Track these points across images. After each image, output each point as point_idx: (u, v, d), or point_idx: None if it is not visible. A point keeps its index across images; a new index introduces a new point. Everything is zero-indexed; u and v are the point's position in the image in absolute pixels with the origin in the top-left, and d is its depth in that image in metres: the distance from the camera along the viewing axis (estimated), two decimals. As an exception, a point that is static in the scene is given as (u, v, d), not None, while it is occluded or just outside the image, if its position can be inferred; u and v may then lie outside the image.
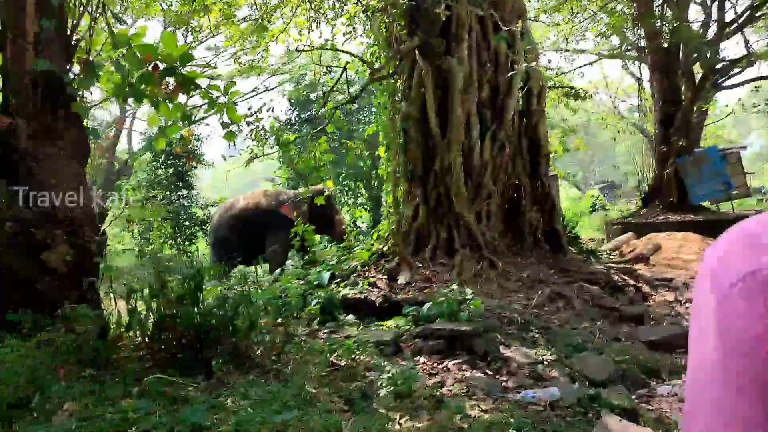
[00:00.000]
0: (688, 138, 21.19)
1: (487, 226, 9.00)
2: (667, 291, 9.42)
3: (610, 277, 8.88)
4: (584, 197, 35.97)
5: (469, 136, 8.94)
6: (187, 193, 19.99)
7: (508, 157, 9.34)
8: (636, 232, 18.00)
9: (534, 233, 9.52)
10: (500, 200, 9.35)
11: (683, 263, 12.77)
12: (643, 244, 13.91)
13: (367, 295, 7.74)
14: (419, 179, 9.24)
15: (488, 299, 7.66)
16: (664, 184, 21.48)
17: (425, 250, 8.96)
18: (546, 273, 8.76)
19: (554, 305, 7.72)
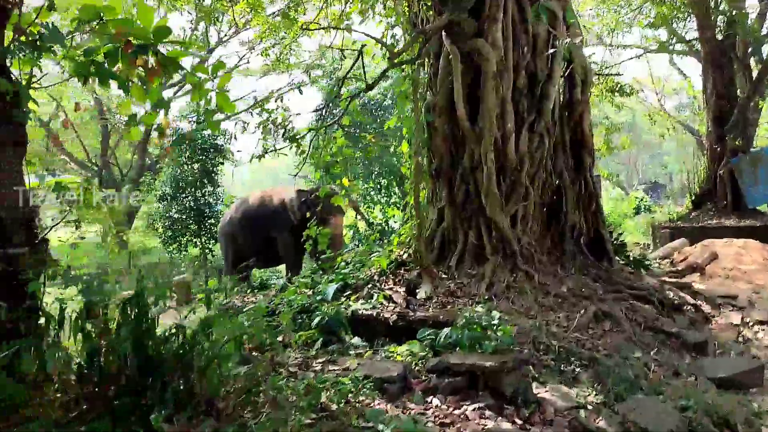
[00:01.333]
0: (744, 135, 19.49)
1: (522, 230, 7.78)
2: (732, 310, 8.05)
3: (665, 294, 7.57)
4: (628, 198, 34.18)
5: (503, 127, 7.72)
6: (213, 190, 19.14)
7: (548, 153, 8.09)
8: (686, 237, 16.46)
9: (576, 240, 8.25)
10: (538, 201, 8.10)
11: (744, 275, 11.29)
12: (697, 252, 12.45)
13: (381, 311, 6.61)
14: (445, 177, 8.07)
15: (521, 319, 6.46)
16: (718, 186, 19.81)
17: (451, 258, 7.80)
18: (590, 287, 7.50)
19: (600, 327, 6.47)
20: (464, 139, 7.90)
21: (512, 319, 6.39)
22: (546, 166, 8.13)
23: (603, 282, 7.71)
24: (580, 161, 8.38)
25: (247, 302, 7.45)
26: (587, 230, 8.38)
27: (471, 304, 6.90)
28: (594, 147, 8.61)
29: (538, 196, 8.06)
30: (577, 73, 8.22)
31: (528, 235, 7.81)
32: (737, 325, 7.45)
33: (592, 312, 6.61)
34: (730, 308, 8.16)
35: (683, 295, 7.76)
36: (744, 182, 18.84)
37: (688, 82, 32.14)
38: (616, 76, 21.02)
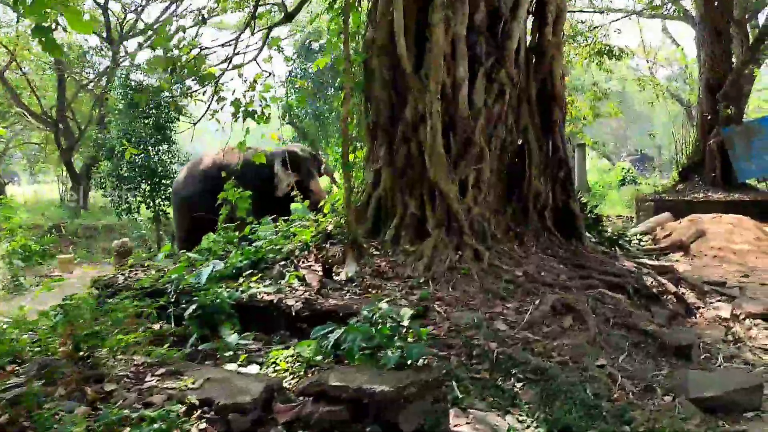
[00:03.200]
0: (737, 105, 18.03)
1: (474, 200, 6.34)
2: (720, 300, 6.69)
3: (643, 280, 6.19)
4: (614, 169, 32.82)
5: (454, 74, 6.24)
6: (168, 148, 17.53)
7: (509, 106, 6.62)
8: (671, 211, 15.07)
9: (541, 213, 6.84)
10: (496, 165, 6.66)
11: (734, 255, 9.93)
12: (682, 229, 11.09)
13: (285, 297, 5.19)
14: (384, 133, 6.59)
15: (457, 311, 5.06)
16: (707, 158, 18.40)
17: (386, 232, 6.37)
18: (553, 271, 6.11)
19: (558, 324, 5.08)
20: (407, 86, 6.39)
21: (446, 311, 5.00)
22: (506, 122, 6.66)
23: (570, 265, 6.32)
24: (548, 118, 6.91)
25: (133, 279, 5.99)
26: (554, 202, 6.95)
27: (401, 288, 5.50)
28: (566, 101, 7.13)
29: (495, 158, 6.61)
30: (549, 9, 6.70)
31: (481, 206, 6.37)
32: (726, 319, 6.09)
33: (550, 303, 5.21)
34: (719, 297, 6.80)
35: (664, 281, 6.38)
36: (735, 154, 17.42)
37: (681, 50, 30.56)
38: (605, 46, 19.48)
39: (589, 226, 7.91)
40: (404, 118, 6.39)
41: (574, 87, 25.89)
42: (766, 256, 9.70)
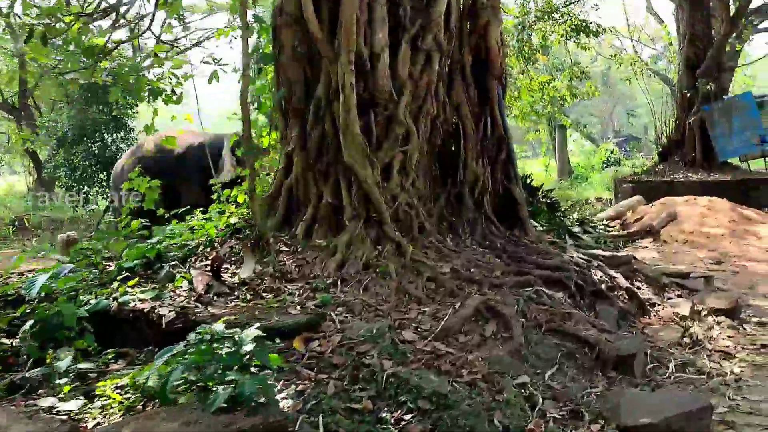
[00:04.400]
0: (718, 81, 17.16)
1: (400, 187, 5.50)
2: (681, 294, 5.89)
3: (590, 275, 5.37)
4: (598, 151, 31.98)
5: (371, 41, 5.37)
6: (125, 136, 16.61)
7: (440, 79, 5.76)
8: (650, 193, 14.21)
9: (479, 199, 6.01)
10: (427, 146, 5.82)
11: (706, 240, 9.13)
12: (654, 212, 10.29)
13: (161, 304, 4.36)
14: (296, 112, 5.72)
15: (362, 318, 4.25)
16: (687, 137, 17.57)
17: (298, 224, 5.53)
18: (486, 266, 5.28)
19: (479, 330, 4.27)
20: (319, 57, 5.53)
21: (344, 320, 4.18)
22: (437, 97, 5.80)
23: (508, 258, 5.50)
24: (485, 92, 6.06)
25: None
26: (494, 187, 6.12)
27: (302, 292, 4.67)
28: (506, 73, 6.27)
29: (425, 139, 5.76)
30: (482, -33, 5.83)
31: (408, 194, 5.53)
32: (685, 317, 5.29)
33: (473, 306, 4.39)
34: (679, 291, 6.00)
35: (615, 275, 5.57)
36: (715, 133, 16.59)
37: (665, 28, 29.62)
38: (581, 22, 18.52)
39: (543, 212, 7.09)
40: (317, 96, 5.52)
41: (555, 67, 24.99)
42: (740, 241, 8.92)
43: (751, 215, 9.89)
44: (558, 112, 21.87)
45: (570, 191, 21.34)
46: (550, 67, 23.90)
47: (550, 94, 20.26)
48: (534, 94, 20.51)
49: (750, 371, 4.45)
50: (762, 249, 8.59)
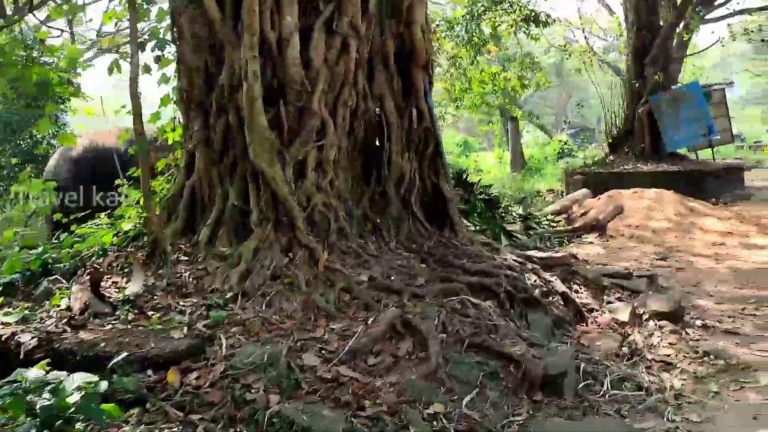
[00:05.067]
0: (666, 71, 17.02)
1: (316, 186, 4.94)
2: (621, 298, 5.48)
3: (522, 279, 4.91)
4: (552, 142, 31.91)
5: (279, 24, 4.79)
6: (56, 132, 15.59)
7: (360, 67, 5.21)
8: (600, 184, 13.94)
9: (405, 197, 5.49)
10: (348, 141, 5.27)
11: (652, 234, 8.81)
12: (600, 206, 9.95)
13: (25, 330, 3.73)
14: (198, 104, 5.11)
15: (261, 339, 3.69)
16: (636, 127, 17.40)
17: (200, 230, 4.92)
18: (409, 272, 4.77)
19: (393, 350, 3.75)
20: (222, 43, 4.92)
21: (234, 344, 3.61)
22: (357, 87, 5.25)
23: (435, 263, 5.00)
24: (410, 82, 5.53)
25: None
26: (423, 183, 5.61)
27: (195, 309, 4.08)
28: (432, 61, 5.75)
29: (344, 133, 5.21)
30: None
31: (325, 193, 4.98)
32: (624, 323, 4.87)
33: (387, 321, 3.88)
34: (620, 294, 5.59)
35: (551, 278, 5.12)
36: (663, 123, 16.43)
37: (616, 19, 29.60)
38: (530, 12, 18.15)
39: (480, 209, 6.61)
40: (220, 85, 4.92)
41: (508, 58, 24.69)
42: (686, 235, 8.62)
43: (696, 207, 9.63)
44: (509, 104, 21.55)
45: (523, 183, 21.06)
46: (502, 58, 23.59)
47: (501, 85, 19.92)
48: (485, 86, 20.16)
49: (691, 384, 4.05)
50: (707, 243, 8.31)
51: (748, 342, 4.75)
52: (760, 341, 4.76)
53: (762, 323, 5.19)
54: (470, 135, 38.53)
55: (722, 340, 4.80)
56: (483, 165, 29.06)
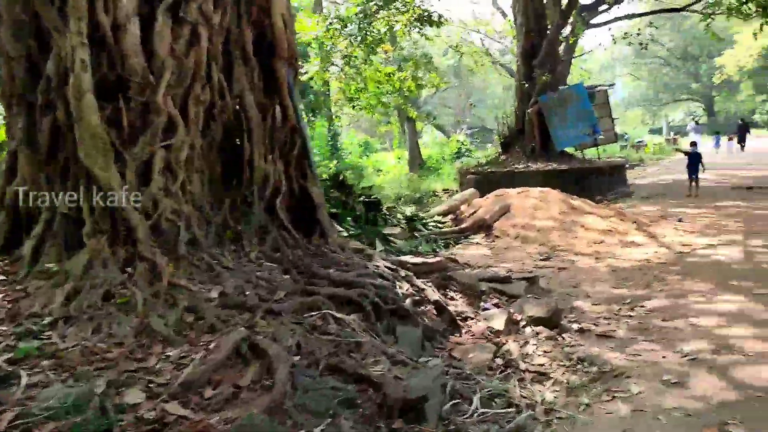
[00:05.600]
0: (554, 73, 17.40)
1: (164, 191, 4.37)
2: (498, 304, 5.25)
3: (393, 289, 4.55)
4: (449, 142, 32.27)
5: (114, 7, 4.18)
6: None
7: (213, 59, 4.68)
8: (492, 183, 13.95)
9: (270, 202, 5.01)
10: (203, 141, 4.73)
11: (537, 233, 8.75)
12: (488, 206, 9.84)
13: None
14: (21, 99, 4.41)
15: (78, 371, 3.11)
16: (526, 127, 17.70)
17: (25, 243, 4.24)
18: (269, 284, 4.30)
19: (234, 378, 3.27)
20: (48, 29, 4.25)
21: (40, 381, 3.02)
22: (211, 81, 4.71)
23: (299, 274, 4.56)
24: (273, 77, 5.05)
25: None
26: (290, 187, 5.15)
27: (3, 340, 3.42)
28: (297, 54, 5.29)
29: (197, 132, 4.66)
30: None
31: (175, 199, 4.42)
32: (499, 332, 4.62)
33: (231, 345, 3.39)
34: (498, 298, 5.36)
35: (424, 286, 4.80)
36: (552, 123, 16.77)
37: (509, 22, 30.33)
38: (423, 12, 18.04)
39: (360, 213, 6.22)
40: (46, 75, 4.25)
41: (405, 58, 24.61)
42: (569, 233, 8.62)
43: (580, 205, 9.71)
44: (405, 104, 21.44)
45: (420, 183, 21.02)
46: (398, 58, 23.47)
47: (396, 85, 19.76)
48: (381, 85, 19.95)
49: (564, 397, 3.82)
50: (589, 241, 8.33)
51: (622, 345, 4.61)
52: (633, 344, 4.64)
53: (636, 324, 5.09)
54: (371, 135, 38.37)
55: (597, 345, 4.65)
56: (383, 165, 28.95)
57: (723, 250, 7.61)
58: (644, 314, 5.37)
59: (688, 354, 4.36)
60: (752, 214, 10.27)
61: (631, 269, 6.98)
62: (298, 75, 5.38)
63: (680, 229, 9.18)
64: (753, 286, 5.93)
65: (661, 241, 8.34)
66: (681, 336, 4.74)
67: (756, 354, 4.28)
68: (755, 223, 9.37)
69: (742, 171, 18.67)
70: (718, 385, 3.83)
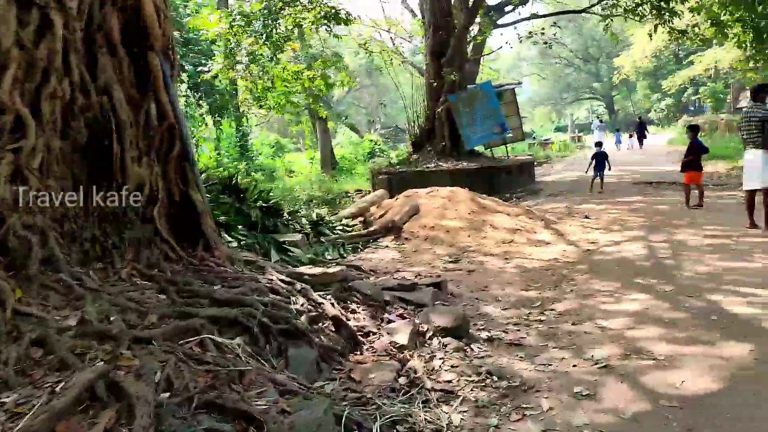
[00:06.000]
0: (462, 71, 17.37)
1: (14, 201, 3.71)
2: (403, 315, 4.89)
3: (284, 305, 4.09)
4: (362, 142, 31.99)
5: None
6: None
7: (73, 50, 4.06)
8: (403, 183, 13.69)
9: (146, 212, 4.43)
10: (60, 144, 4.09)
11: (446, 234, 8.50)
12: (397, 207, 9.53)
13: None
14: None
15: None
16: (436, 126, 17.61)
17: None
18: (141, 306, 3.74)
19: (83, 427, 2.72)
20: None
21: None
22: (70, 74, 4.09)
23: (177, 293, 4.01)
24: (145, 70, 4.47)
25: None
26: (168, 195, 4.58)
27: None
28: (173, 45, 4.73)
29: (54, 133, 4.02)
30: None
31: (27, 210, 3.77)
32: (404, 347, 4.25)
33: (83, 384, 2.83)
34: (404, 308, 5.01)
35: (322, 300, 4.37)
36: (461, 122, 16.74)
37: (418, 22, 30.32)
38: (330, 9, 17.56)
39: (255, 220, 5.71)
40: None
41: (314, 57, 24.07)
42: (478, 233, 8.42)
43: (488, 204, 9.57)
44: (315, 103, 20.92)
45: (332, 184, 20.57)
46: (308, 56, 22.92)
47: (305, 83, 19.22)
48: (289, 84, 19.35)
49: (472, 417, 3.49)
50: (498, 241, 8.17)
51: (532, 355, 4.36)
52: (543, 352, 4.40)
53: (545, 330, 4.87)
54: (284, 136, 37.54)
55: (507, 355, 4.38)
56: (296, 166, 28.30)
57: (627, 246, 7.62)
58: (554, 318, 5.16)
59: (598, 361, 4.15)
60: (653, 209, 10.47)
61: (540, 269, 6.83)
62: (176, 68, 4.80)
63: (587, 225, 9.19)
64: (656, 284, 5.88)
65: (568, 238, 8.29)
66: (591, 341, 4.55)
67: (665, 356, 4.13)
68: (655, 218, 9.53)
69: (641, 167, 19.35)
70: (629, 396, 3.61)
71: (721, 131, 27.33)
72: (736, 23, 14.98)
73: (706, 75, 33.89)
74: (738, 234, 7.86)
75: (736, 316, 4.79)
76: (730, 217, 9.15)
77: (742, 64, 17.62)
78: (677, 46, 37.36)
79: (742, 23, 14.81)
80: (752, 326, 4.54)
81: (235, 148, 23.49)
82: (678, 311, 5.02)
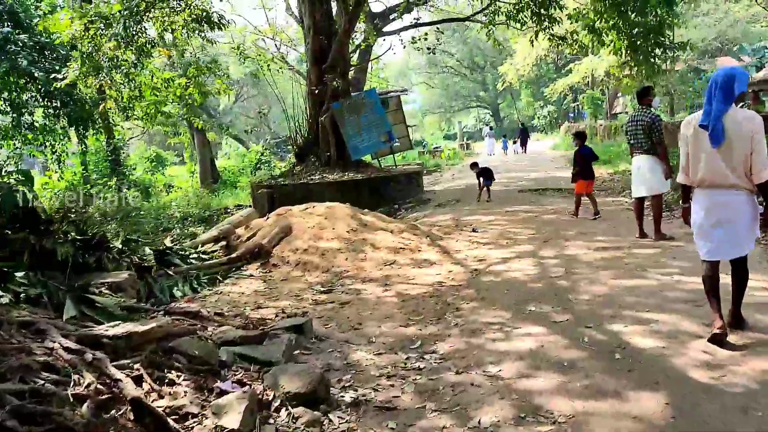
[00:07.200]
0: (345, 78, 16.45)
1: None
2: (242, 381, 3.77)
3: (55, 392, 2.88)
4: (249, 154, 30.41)
5: None
6: None
7: None
8: (285, 197, 12.48)
9: None
10: None
11: (322, 259, 7.40)
12: (267, 227, 8.37)
13: None
14: None
15: None
16: (321, 135, 16.56)
17: None
18: None
19: None
20: None
21: None
22: None
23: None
24: None
25: None
26: None
27: None
28: None
29: None
30: None
31: None
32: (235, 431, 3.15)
33: None
34: (247, 370, 3.90)
35: (120, 376, 3.17)
36: (346, 130, 15.75)
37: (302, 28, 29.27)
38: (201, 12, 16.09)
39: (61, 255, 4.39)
40: None
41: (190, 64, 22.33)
42: (357, 255, 7.45)
43: (370, 221, 8.61)
44: (189, 114, 19.28)
45: (211, 200, 19.00)
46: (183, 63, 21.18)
47: (177, 92, 17.58)
48: (159, 93, 17.65)
49: None
50: (378, 263, 7.23)
51: (406, 424, 3.39)
52: (420, 419, 3.44)
53: (424, 383, 3.92)
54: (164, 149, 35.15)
55: (374, 426, 3.38)
56: (176, 181, 26.34)
57: (517, 265, 6.90)
58: (435, 364, 4.24)
59: (486, 429, 3.25)
60: (541, 219, 9.94)
61: (423, 297, 5.93)
62: None
63: (474, 240, 8.46)
64: (551, 311, 5.12)
65: (455, 257, 7.48)
66: (478, 397, 3.63)
67: (566, 419, 3.28)
68: (544, 229, 8.96)
69: (527, 173, 19.21)
70: (527, 487, 2.72)
71: (600, 136, 28.14)
72: (611, 30, 15.05)
73: (584, 83, 35.00)
74: (628, 245, 7.36)
75: (641, 353, 4.06)
76: (619, 226, 8.73)
77: (619, 71, 17.83)
78: (558, 53, 38.59)
79: (617, 30, 14.89)
80: (661, 366, 3.81)
81: (104, 163, 21.37)
82: (577, 349, 4.24)
